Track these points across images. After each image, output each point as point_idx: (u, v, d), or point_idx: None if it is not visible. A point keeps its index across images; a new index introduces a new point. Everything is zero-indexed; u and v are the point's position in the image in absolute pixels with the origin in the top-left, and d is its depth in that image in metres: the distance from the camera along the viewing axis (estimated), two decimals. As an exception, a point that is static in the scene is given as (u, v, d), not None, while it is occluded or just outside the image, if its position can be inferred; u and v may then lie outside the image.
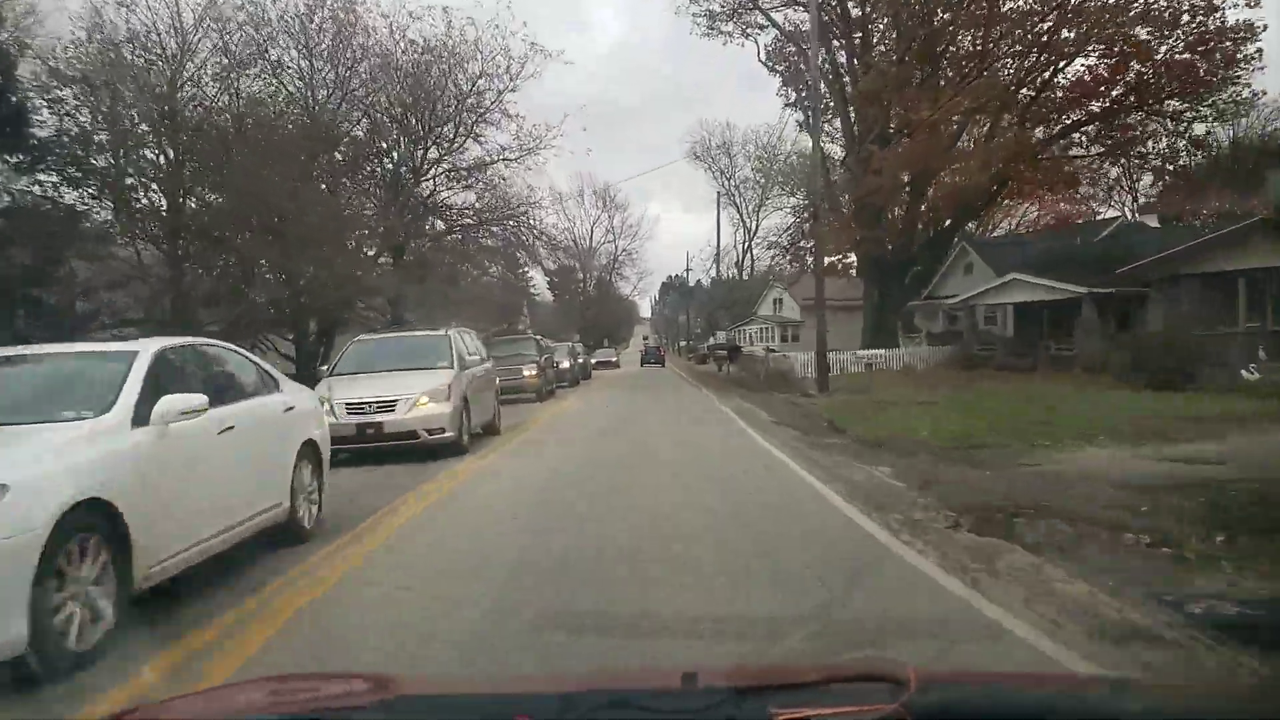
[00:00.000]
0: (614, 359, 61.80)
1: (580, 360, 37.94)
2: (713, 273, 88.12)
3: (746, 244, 72.79)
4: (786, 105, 44.77)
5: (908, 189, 35.38)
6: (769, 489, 9.40)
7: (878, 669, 1.71)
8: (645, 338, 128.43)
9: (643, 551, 6.49)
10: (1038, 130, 32.32)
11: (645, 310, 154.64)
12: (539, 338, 27.54)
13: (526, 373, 23.58)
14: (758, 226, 71.41)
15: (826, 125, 41.42)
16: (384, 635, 4.81)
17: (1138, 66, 30.48)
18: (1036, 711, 1.74)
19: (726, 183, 70.95)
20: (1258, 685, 3.86)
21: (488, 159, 30.56)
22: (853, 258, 54.13)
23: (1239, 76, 30.30)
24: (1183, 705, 1.98)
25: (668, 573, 5.84)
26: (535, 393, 23.92)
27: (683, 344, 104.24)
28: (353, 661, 4.37)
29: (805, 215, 39.21)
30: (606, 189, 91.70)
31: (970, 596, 5.24)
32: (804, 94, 41.06)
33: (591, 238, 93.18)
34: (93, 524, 4.51)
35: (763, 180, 61.53)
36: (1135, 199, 48.22)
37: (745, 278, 74.36)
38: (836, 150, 40.15)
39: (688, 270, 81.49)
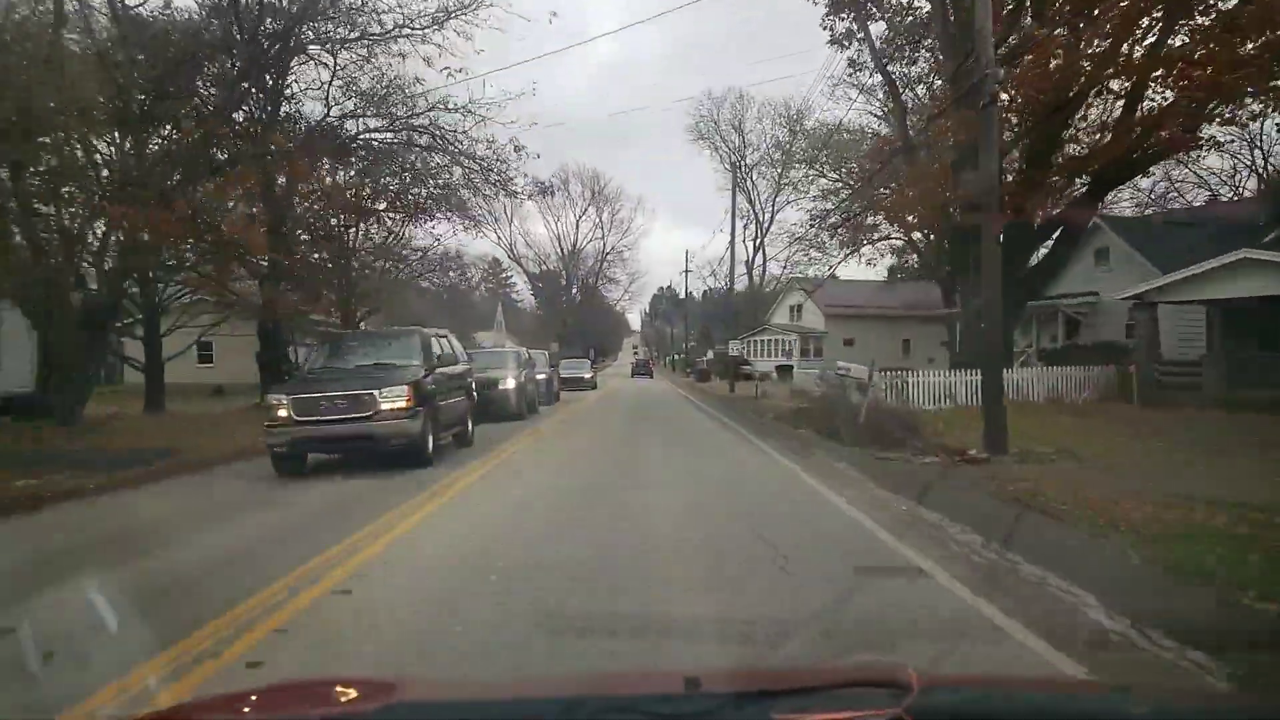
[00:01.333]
0: (586, 375, 41.10)
1: (540, 375, 24.87)
2: (713, 278, 75.43)
3: (758, 240, 59.86)
4: (831, 42, 31.81)
5: (1033, 128, 22.48)
6: None
7: (879, 674, 1.66)
8: (635, 348, 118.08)
9: None
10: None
11: (636, 324, 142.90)
12: (443, 335, 14.07)
13: (386, 404, 10.45)
14: (771, 219, 58.57)
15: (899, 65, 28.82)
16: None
17: None
18: (1037, 715, 1.70)
19: (738, 159, 57.99)
20: (1261, 691, 3.54)
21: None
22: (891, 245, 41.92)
23: None
24: (1184, 711, 1.91)
25: None
26: (410, 450, 10.82)
27: (677, 357, 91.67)
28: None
29: (873, 172, 26.31)
30: (595, 177, 78.99)
31: None
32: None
33: (577, 232, 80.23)
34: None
35: (781, 158, 48.59)
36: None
37: (757, 280, 61.41)
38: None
39: (686, 272, 68.71)
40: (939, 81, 25.71)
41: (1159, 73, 19.21)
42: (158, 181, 16.64)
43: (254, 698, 2.04)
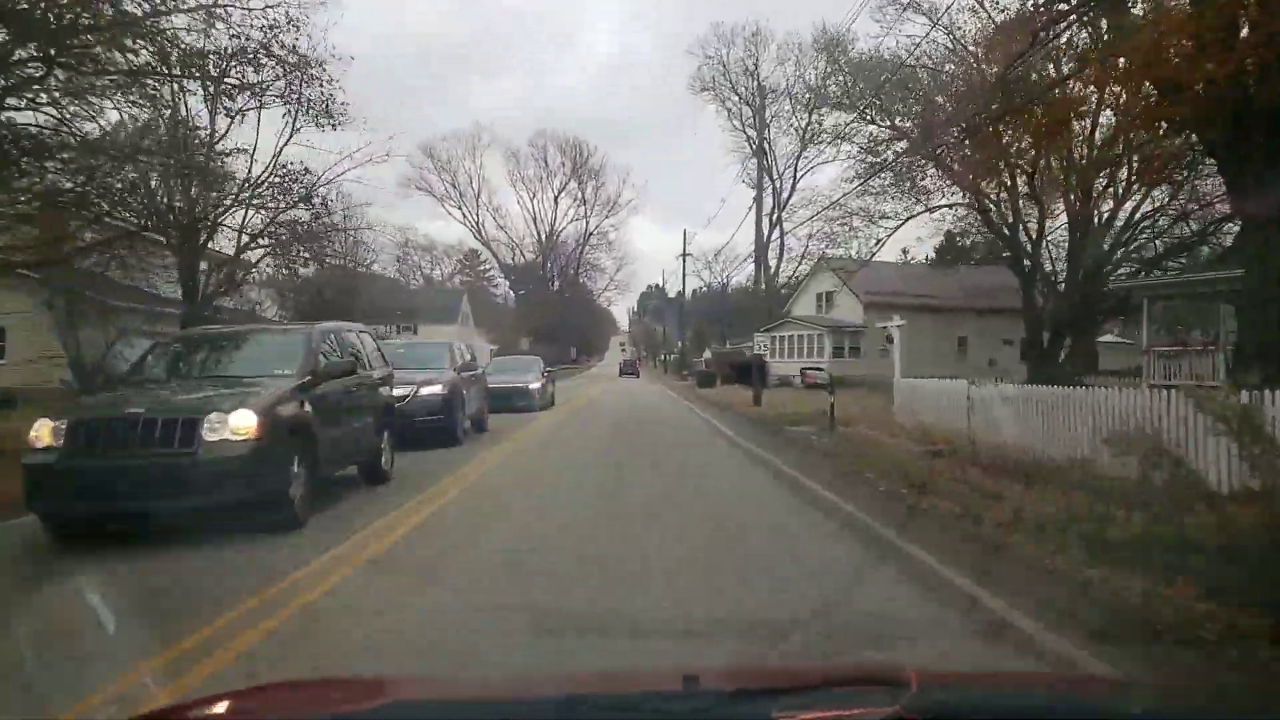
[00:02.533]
0: (531, 385, 22.54)
1: (430, 390, 12.30)
2: (708, 270, 63.05)
3: (775, 214, 47.27)
4: None
5: None
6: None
7: (878, 671, 1.64)
8: (622, 345, 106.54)
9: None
10: None
11: (624, 323, 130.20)
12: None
13: None
14: (793, 188, 46.08)
15: None
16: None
17: None
18: (1037, 713, 1.60)
19: (749, 114, 45.34)
20: (1260, 687, 3.39)
21: None
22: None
23: None
24: (1184, 707, 1.81)
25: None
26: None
27: (668, 357, 79.47)
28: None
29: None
30: (578, 147, 66.37)
31: None
32: None
33: (556, 210, 67.52)
34: None
35: (810, 101, 35.85)
36: None
37: (772, 263, 48.79)
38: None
39: (684, 256, 56.02)
40: None
41: None
42: None
43: (249, 697, 1.93)
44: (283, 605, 4.88)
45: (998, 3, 22.97)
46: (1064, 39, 16.57)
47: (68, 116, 13.06)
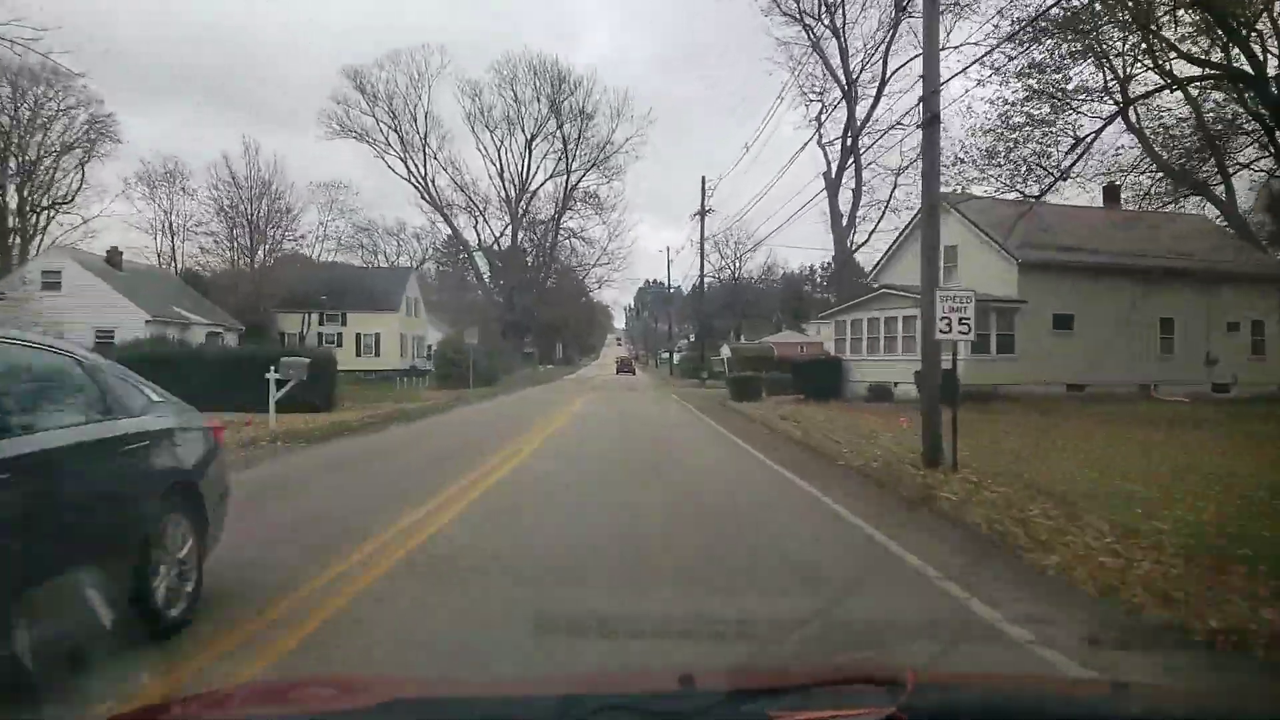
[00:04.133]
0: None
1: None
2: (717, 254, 46.35)
3: (849, 137, 30.40)
4: None
5: None
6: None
7: (876, 671, 1.54)
8: (619, 341, 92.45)
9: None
10: None
11: (621, 321, 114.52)
12: None
13: None
14: (877, 99, 29.20)
15: None
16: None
17: None
18: (1034, 713, 1.56)
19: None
20: (1255, 688, 3.37)
21: None
22: None
23: None
24: (1180, 708, 1.77)
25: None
26: None
27: (670, 355, 63.53)
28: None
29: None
30: (558, 77, 49.45)
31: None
32: None
33: (528, 159, 50.52)
34: None
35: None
36: None
37: (845, 214, 31.83)
38: None
39: (702, 213, 39.17)
40: None
41: None
42: None
43: (250, 693, 1.88)
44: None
45: None
46: None
47: None
